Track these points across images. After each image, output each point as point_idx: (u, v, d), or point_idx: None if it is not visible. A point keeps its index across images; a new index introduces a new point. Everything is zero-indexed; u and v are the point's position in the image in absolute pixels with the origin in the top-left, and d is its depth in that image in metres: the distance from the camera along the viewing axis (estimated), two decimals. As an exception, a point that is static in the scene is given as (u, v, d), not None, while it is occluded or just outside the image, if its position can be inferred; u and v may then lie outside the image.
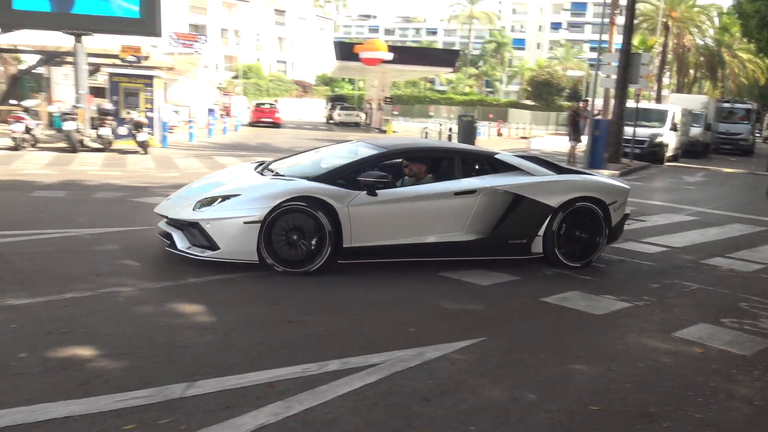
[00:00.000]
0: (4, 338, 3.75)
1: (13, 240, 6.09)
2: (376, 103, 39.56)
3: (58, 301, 4.44)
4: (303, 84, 68.15)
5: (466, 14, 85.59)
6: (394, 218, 5.75)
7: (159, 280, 5.06)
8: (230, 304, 4.64)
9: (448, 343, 4.08)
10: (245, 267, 5.43)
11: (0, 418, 2.85)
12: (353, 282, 5.38)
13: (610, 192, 6.44)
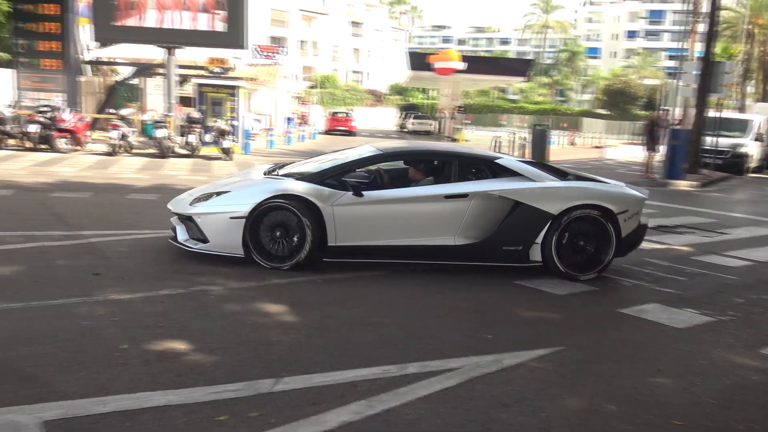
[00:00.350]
0: (108, 330, 3.97)
1: (112, 239, 6.43)
2: (448, 112, 39.44)
3: (154, 297, 4.66)
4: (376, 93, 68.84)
5: (540, 24, 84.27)
6: (381, 219, 5.73)
7: (245, 281, 5.23)
8: (311, 305, 4.74)
9: (525, 351, 4.03)
10: (324, 271, 5.56)
11: (107, 403, 3.03)
12: (428, 286, 5.40)
13: (620, 200, 5.92)
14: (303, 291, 5.08)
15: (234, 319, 4.31)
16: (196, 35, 17.55)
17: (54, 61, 18.27)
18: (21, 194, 9.03)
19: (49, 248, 5.91)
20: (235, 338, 3.96)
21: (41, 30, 18.12)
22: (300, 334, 4.12)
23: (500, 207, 5.79)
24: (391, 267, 5.89)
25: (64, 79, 18.32)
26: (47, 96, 18.22)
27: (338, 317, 4.50)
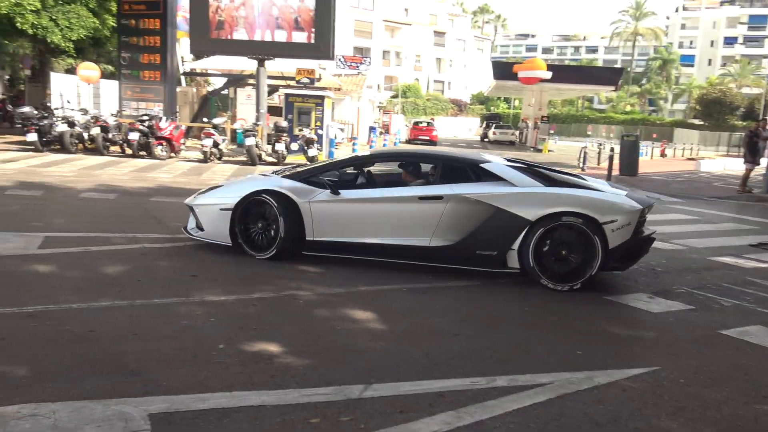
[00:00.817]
0: (206, 330, 4.15)
1: (207, 242, 6.71)
2: (532, 121, 38.80)
3: (247, 300, 4.83)
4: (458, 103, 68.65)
5: (629, 31, 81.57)
6: (357, 217, 5.98)
7: (333, 287, 5.33)
8: (398, 313, 4.78)
9: (618, 370, 3.90)
10: (408, 281, 5.61)
11: (206, 400, 3.17)
12: (513, 298, 5.32)
13: (606, 209, 5.56)
14: (389, 299, 5.13)
15: (323, 323, 4.41)
16: (285, 47, 18.10)
17: (154, 72, 19.31)
18: (124, 198, 9.58)
19: (150, 250, 6.25)
20: (324, 343, 4.05)
21: (143, 43, 19.21)
22: (387, 341, 4.16)
23: (476, 211, 5.75)
24: (475, 277, 5.85)
25: (162, 89, 19.32)
26: (148, 105, 19.28)
27: (425, 326, 4.51)
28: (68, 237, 6.58)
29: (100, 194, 9.76)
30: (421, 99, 65.57)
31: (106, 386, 3.24)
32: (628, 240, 5.58)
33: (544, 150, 32.91)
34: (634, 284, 5.89)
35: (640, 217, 5.68)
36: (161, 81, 19.25)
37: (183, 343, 3.90)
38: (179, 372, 3.47)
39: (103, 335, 3.93)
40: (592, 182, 6.33)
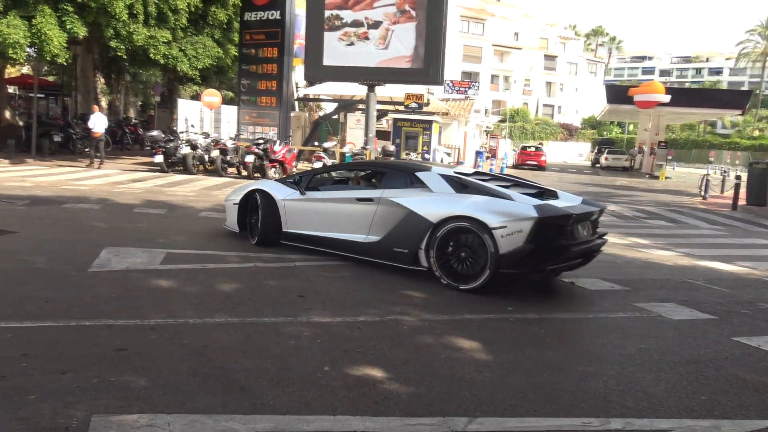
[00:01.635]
0: (312, 351, 4.21)
1: (315, 264, 6.86)
2: (648, 147, 37.03)
3: (352, 322, 4.86)
4: (569, 127, 66.85)
5: (758, 51, 76.33)
6: (315, 213, 7.31)
7: (437, 313, 5.27)
8: (505, 343, 4.63)
9: (749, 420, 3.56)
10: (516, 309, 5.44)
11: (311, 423, 3.19)
12: (633, 335, 5.01)
13: (498, 215, 5.88)
14: (495, 328, 4.99)
15: (428, 351, 4.35)
16: (396, 72, 18.40)
17: (270, 98, 20.23)
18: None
19: (261, 269, 6.46)
20: (429, 371, 3.98)
21: (261, 71, 20.21)
22: (494, 373, 4.03)
23: (396, 212, 6.59)
24: (588, 310, 5.58)
25: (277, 114, 20.19)
26: (263, 130, 20.20)
27: (533, 359, 4.34)
28: (187, 254, 6.94)
29: (217, 214, 10.25)
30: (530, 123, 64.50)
31: (217, 401, 3.35)
32: (521, 246, 5.77)
33: (661, 177, 31.25)
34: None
35: (538, 225, 5.74)
36: (276, 106, 20.13)
37: (290, 363, 3.97)
38: (285, 392, 3.52)
39: (215, 351, 4.08)
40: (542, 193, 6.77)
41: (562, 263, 6.13)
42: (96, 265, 6.18)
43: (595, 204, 6.80)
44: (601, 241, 6.69)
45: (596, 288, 6.58)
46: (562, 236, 5.96)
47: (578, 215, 6.09)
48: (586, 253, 6.40)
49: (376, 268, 6.82)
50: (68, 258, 6.44)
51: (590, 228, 6.55)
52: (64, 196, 11.13)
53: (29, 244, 7.08)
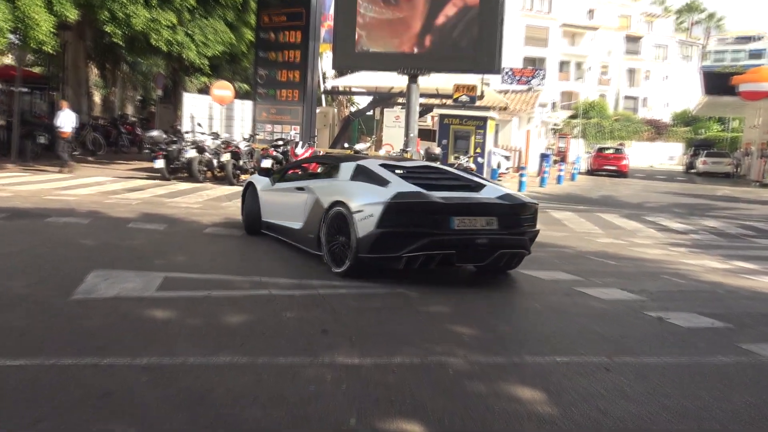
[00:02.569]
0: (336, 399, 4.17)
1: (342, 291, 6.84)
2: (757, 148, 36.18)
3: (385, 365, 4.81)
4: (656, 124, 65.88)
5: None
6: (274, 204, 9.48)
7: (490, 354, 5.18)
8: (575, 393, 4.51)
9: None
10: (587, 350, 5.32)
11: (332, 488, 3.14)
12: (738, 385, 4.83)
13: (360, 199, 7.39)
14: (562, 374, 4.87)
15: (478, 401, 4.26)
16: (443, 60, 18.42)
17: (292, 91, 20.45)
18: (252, 236, 10.10)
19: (276, 297, 6.48)
20: (479, 427, 3.90)
21: (282, 59, 20.46)
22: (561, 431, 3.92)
23: (311, 199, 8.30)
24: (675, 350, 5.43)
25: (300, 110, 20.38)
26: (284, 129, 20.43)
27: (611, 414, 4.21)
28: (190, 278, 7.00)
29: (226, 230, 10.36)
30: (608, 119, 63.82)
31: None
32: (372, 231, 7.14)
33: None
34: None
35: (387, 209, 7.08)
36: (299, 101, 20.34)
37: (308, 412, 3.93)
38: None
39: (219, 397, 4.07)
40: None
41: (421, 251, 7.13)
42: (81, 291, 6.28)
43: (512, 198, 7.84)
44: (513, 238, 7.63)
45: (691, 324, 6.41)
46: (418, 223, 7.15)
47: (453, 204, 7.28)
48: (468, 244, 7.34)
49: (414, 297, 6.77)
50: (49, 282, 6.56)
51: (496, 222, 7.50)
52: (48, 209, 11.39)
53: (4, 265, 7.24)
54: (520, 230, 7.70)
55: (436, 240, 7.11)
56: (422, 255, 7.16)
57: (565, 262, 9.53)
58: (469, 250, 7.40)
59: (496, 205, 7.59)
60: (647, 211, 18.56)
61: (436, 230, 7.13)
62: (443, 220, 7.18)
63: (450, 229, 7.20)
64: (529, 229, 7.87)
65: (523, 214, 7.79)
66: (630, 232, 13.70)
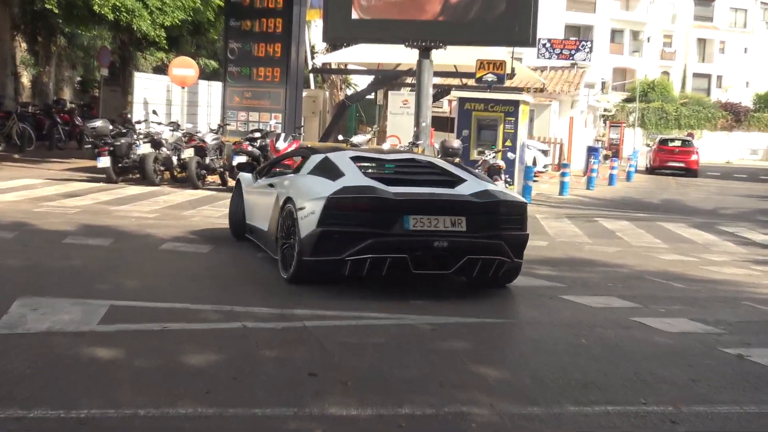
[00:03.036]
0: (326, 462, 4.15)
1: (335, 323, 6.81)
2: None
3: (390, 417, 4.79)
4: (734, 109, 65.81)
5: None
6: (253, 204, 10.37)
7: (524, 403, 5.15)
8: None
9: None
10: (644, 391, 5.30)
11: None
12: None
13: (304, 197, 8.18)
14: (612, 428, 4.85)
15: (508, 464, 4.24)
16: (463, 29, 18.37)
17: (271, 69, 20.42)
18: (223, 252, 10.13)
19: (252, 331, 6.45)
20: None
21: (258, 29, 20.48)
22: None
23: (273, 196, 9.19)
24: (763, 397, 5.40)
25: (282, 94, 20.37)
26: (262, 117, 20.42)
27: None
28: (141, 308, 6.98)
29: (189, 245, 10.38)
30: (672, 103, 63.84)
31: None
32: (314, 230, 7.80)
33: None
34: None
35: (327, 206, 7.73)
36: (281, 82, 20.33)
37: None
38: None
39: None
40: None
41: (364, 254, 7.66)
42: (4, 324, 6.26)
43: (488, 196, 8.21)
44: (484, 242, 7.98)
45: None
46: (365, 222, 7.71)
47: (409, 201, 7.82)
48: (425, 247, 7.79)
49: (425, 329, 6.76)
50: (-37, 313, 6.54)
51: (464, 223, 7.90)
52: (-37, 220, 11.41)
53: None
54: (494, 233, 8.05)
55: (381, 241, 7.67)
56: (368, 259, 7.70)
57: (620, 285, 9.53)
58: (426, 255, 7.87)
59: (465, 203, 8.02)
60: (723, 220, 18.56)
61: (385, 230, 7.70)
62: (396, 219, 7.73)
63: (405, 230, 7.73)
64: (509, 232, 8.22)
65: (501, 215, 8.20)
66: (701, 247, 13.68)
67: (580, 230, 14.87)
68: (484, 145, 19.93)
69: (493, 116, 20.62)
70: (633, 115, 58.81)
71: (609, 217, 17.38)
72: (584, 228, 15.19)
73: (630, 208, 20.48)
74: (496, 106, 20.66)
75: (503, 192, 8.82)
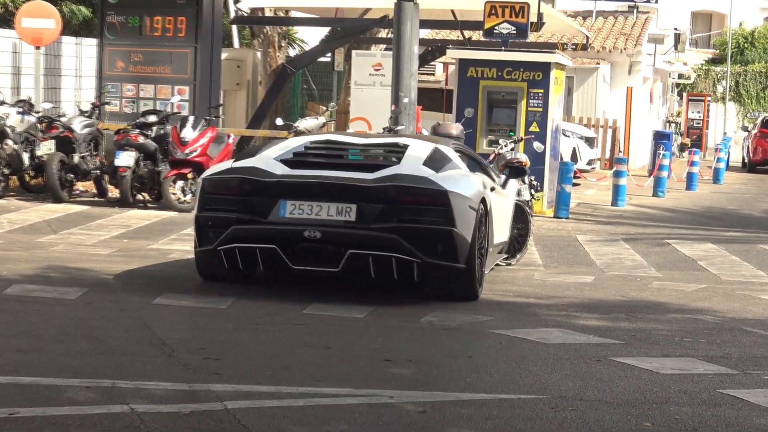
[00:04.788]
0: None
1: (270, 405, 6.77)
2: None
3: None
4: None
5: None
6: None
7: None
8: None
9: None
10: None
11: None
12: None
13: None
14: None
15: None
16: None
17: (173, 19, 20.41)
18: (100, 297, 10.13)
19: (144, 418, 6.38)
20: None
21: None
22: None
23: None
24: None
25: (188, 56, 20.38)
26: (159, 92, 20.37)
27: None
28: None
29: (49, 290, 10.35)
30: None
31: None
32: (195, 216, 10.15)
33: None
34: None
35: (201, 188, 10.17)
36: (187, 38, 20.38)
37: None
38: None
39: None
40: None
41: (229, 244, 9.76)
42: None
43: (395, 179, 9.83)
44: (372, 234, 9.63)
45: None
46: (234, 206, 9.92)
47: (286, 184, 9.85)
48: (298, 238, 9.72)
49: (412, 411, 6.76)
50: None
51: (354, 212, 9.66)
52: None
53: None
54: (392, 225, 9.60)
55: (244, 229, 9.82)
56: (235, 249, 9.80)
57: (703, 341, 9.54)
58: (302, 248, 9.78)
59: (358, 189, 9.76)
60: None
61: (260, 217, 9.80)
62: (270, 205, 9.81)
63: (279, 218, 9.79)
64: (415, 224, 9.75)
65: (403, 203, 9.80)
66: (828, 282, 13.77)
67: (644, 259, 14.91)
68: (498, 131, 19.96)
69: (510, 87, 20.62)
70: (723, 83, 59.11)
71: (687, 239, 17.43)
72: (650, 255, 15.23)
73: (719, 224, 20.58)
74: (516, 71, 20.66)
75: (420, 174, 10.11)
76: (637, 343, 8.79)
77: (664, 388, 7.75)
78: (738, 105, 57.13)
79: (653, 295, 12.05)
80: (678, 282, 12.94)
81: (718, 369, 8.36)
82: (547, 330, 9.19)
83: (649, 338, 9.23)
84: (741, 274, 14.03)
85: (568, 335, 9.24)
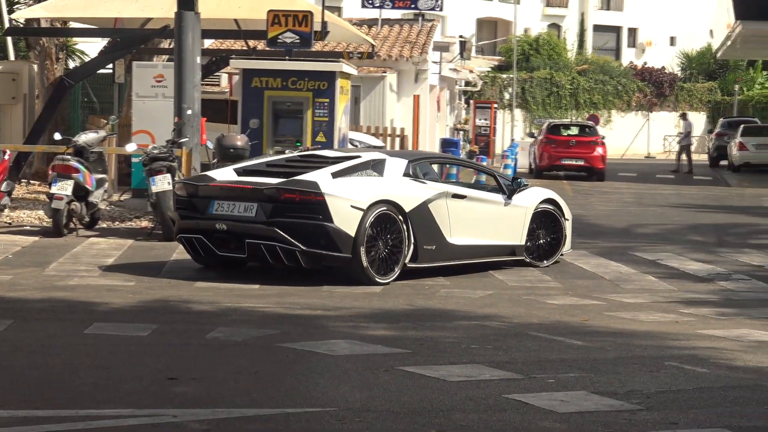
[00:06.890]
0: None
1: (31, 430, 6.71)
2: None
3: None
4: (657, 77, 67.99)
5: None
6: None
7: None
8: None
9: None
10: None
11: None
12: None
13: None
14: None
15: None
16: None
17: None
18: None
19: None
20: None
21: None
22: None
23: None
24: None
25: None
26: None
27: None
28: None
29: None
30: (565, 72, 65.52)
31: None
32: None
33: None
34: None
35: (174, 194, 14.02)
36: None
37: None
38: None
39: None
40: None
41: (180, 234, 13.90)
42: None
43: (283, 183, 13.56)
44: (259, 227, 13.23)
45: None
46: (186, 205, 13.99)
47: (215, 188, 13.15)
48: (213, 230, 13.55)
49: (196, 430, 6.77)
50: None
51: (255, 209, 13.31)
52: None
53: None
54: (277, 220, 12.91)
55: (185, 222, 13.82)
56: (181, 238, 13.94)
57: (489, 347, 9.76)
58: (216, 237, 13.37)
59: (259, 191, 13.22)
60: (642, 243, 19.29)
61: (193, 213, 13.69)
62: (206, 204, 13.60)
63: (207, 214, 13.51)
64: (296, 219, 12.96)
65: (285, 202, 13.10)
66: (609, 284, 14.20)
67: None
68: (285, 141, 20.03)
69: (296, 97, 20.72)
70: (509, 90, 60.08)
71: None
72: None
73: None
74: (301, 81, 20.76)
75: (313, 182, 13.15)
76: (425, 351, 8.96)
77: (451, 396, 7.90)
78: (525, 111, 58.32)
79: (441, 303, 12.29)
80: (465, 289, 13.18)
81: (503, 374, 8.55)
82: (335, 342, 9.36)
83: (436, 346, 9.40)
84: (527, 280, 14.35)
85: (355, 346, 9.36)
